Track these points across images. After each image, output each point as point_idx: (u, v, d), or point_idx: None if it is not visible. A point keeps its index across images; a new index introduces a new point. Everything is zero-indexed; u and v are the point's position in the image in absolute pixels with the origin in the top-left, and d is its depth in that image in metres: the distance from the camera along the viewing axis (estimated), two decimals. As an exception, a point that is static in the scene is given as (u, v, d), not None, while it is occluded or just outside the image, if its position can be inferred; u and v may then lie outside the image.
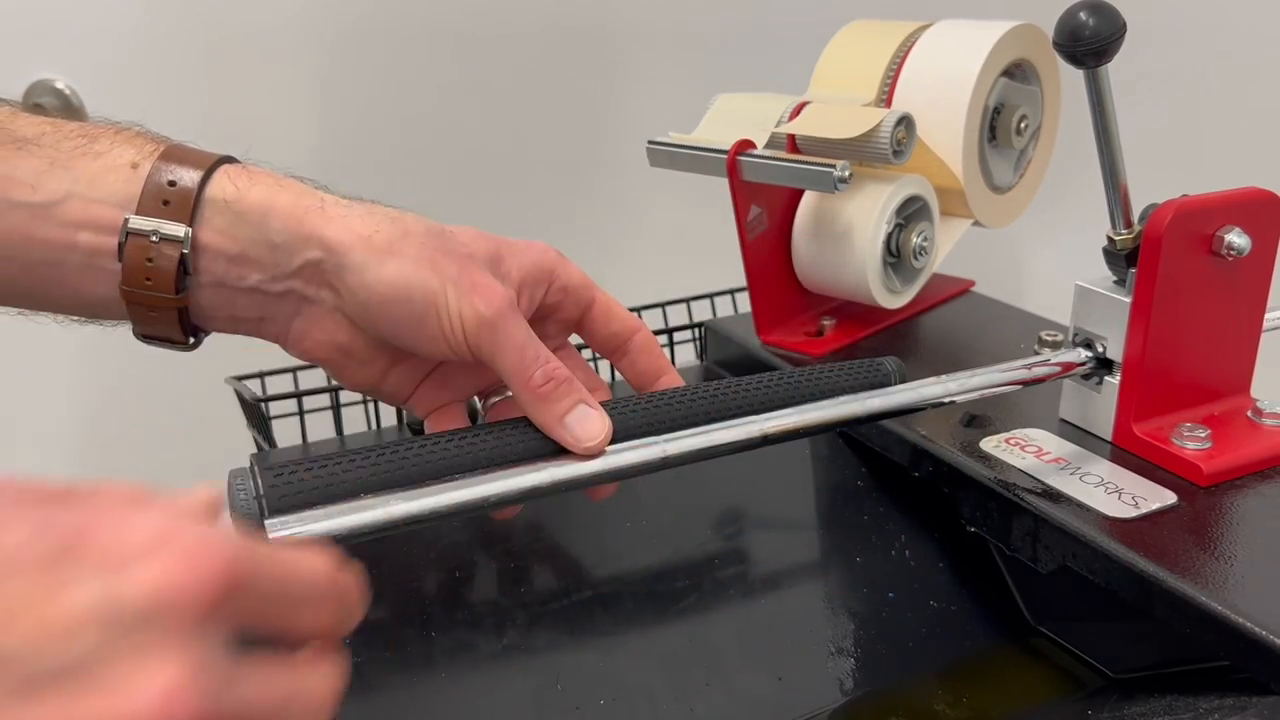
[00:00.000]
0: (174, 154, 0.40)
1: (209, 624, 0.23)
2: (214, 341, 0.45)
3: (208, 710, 0.22)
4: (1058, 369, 0.50)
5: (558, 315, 0.47)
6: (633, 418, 0.42)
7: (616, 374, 0.70)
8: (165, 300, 0.40)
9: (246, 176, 0.41)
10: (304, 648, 0.27)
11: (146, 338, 0.42)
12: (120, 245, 0.39)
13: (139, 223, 0.39)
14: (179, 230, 0.39)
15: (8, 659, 0.20)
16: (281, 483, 0.37)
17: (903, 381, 0.47)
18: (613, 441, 0.41)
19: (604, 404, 0.42)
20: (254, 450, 0.59)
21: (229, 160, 0.42)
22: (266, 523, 0.36)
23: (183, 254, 0.39)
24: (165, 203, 0.39)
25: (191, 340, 0.42)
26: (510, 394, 0.45)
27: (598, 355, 0.52)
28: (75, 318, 0.43)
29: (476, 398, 0.48)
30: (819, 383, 0.46)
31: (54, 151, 0.40)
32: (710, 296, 0.74)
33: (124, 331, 0.44)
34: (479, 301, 0.40)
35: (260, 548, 0.25)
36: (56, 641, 0.21)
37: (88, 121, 0.42)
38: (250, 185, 0.40)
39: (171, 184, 0.39)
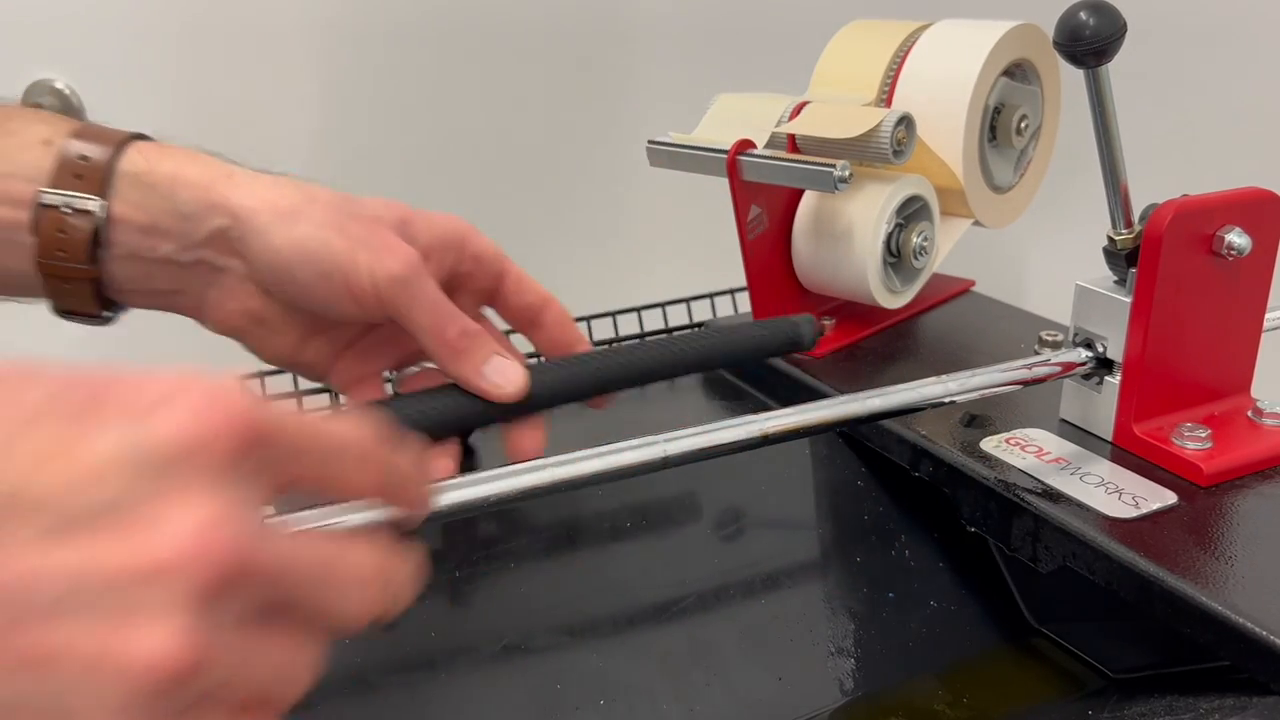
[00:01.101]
0: (87, 131, 0.41)
1: (237, 470, 0.23)
2: (212, 342, 0.45)
3: (243, 553, 0.22)
4: (1058, 369, 0.50)
5: (470, 286, 0.47)
6: (552, 371, 0.43)
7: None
8: (78, 271, 0.40)
9: (158, 151, 0.42)
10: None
11: (64, 312, 0.43)
12: (34, 219, 0.40)
13: (51, 196, 0.40)
14: (91, 203, 0.40)
15: (38, 502, 0.20)
16: None
17: (816, 338, 0.49)
18: (535, 397, 0.42)
19: (541, 365, 0.44)
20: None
21: (142, 137, 0.42)
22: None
23: (96, 226, 0.40)
24: (77, 176, 0.40)
25: (105, 315, 0.43)
26: (426, 365, 0.46)
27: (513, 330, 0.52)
28: None
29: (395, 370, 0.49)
30: (735, 339, 0.48)
31: None
32: (710, 296, 0.74)
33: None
34: (389, 259, 0.40)
35: (282, 406, 0.26)
36: (86, 485, 0.21)
37: (4, 103, 0.43)
38: (161, 158, 0.41)
39: (83, 159, 0.40)
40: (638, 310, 0.72)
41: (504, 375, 0.42)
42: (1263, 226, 0.49)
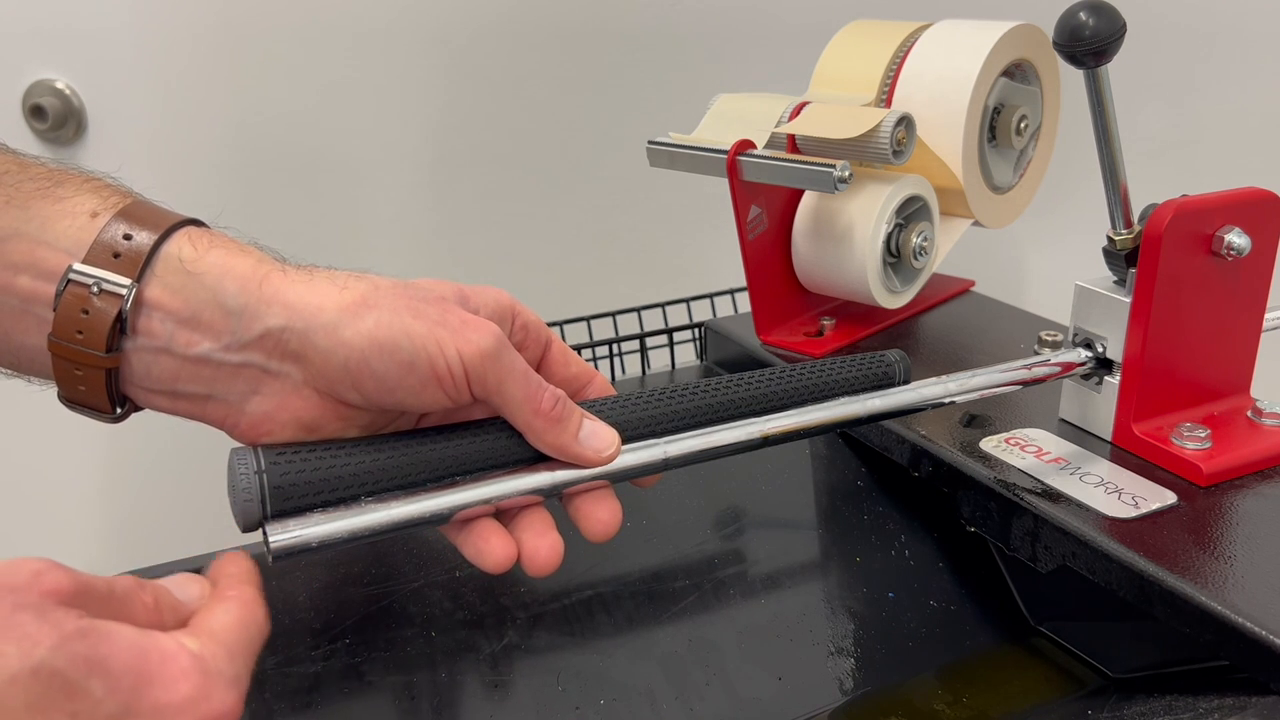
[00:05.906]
0: (136, 209, 0.38)
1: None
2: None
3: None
4: (1058, 369, 0.50)
5: (521, 354, 0.45)
6: (633, 416, 0.42)
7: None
8: (93, 359, 0.37)
9: (207, 239, 0.39)
10: None
11: (70, 402, 0.39)
12: (58, 293, 0.37)
13: (82, 271, 0.36)
14: (122, 284, 0.36)
15: None
16: (284, 460, 0.37)
17: (907, 375, 0.48)
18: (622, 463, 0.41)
19: (604, 403, 0.43)
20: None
21: (194, 222, 0.40)
22: (267, 527, 0.36)
23: (121, 310, 0.36)
24: (115, 255, 0.37)
25: (115, 412, 0.39)
26: None
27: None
28: (4, 370, 0.40)
29: None
30: (822, 376, 0.46)
31: (12, 190, 0.38)
32: (710, 296, 0.74)
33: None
34: (474, 335, 0.38)
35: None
36: None
37: (61, 167, 0.40)
38: (210, 247, 0.38)
39: (127, 237, 0.37)
40: (638, 310, 0.72)
41: (601, 439, 0.40)
42: (1262, 226, 0.49)
